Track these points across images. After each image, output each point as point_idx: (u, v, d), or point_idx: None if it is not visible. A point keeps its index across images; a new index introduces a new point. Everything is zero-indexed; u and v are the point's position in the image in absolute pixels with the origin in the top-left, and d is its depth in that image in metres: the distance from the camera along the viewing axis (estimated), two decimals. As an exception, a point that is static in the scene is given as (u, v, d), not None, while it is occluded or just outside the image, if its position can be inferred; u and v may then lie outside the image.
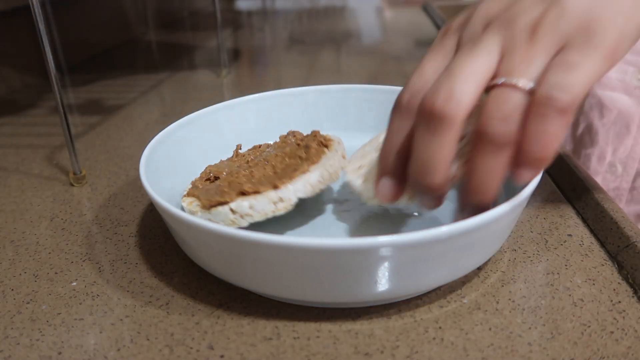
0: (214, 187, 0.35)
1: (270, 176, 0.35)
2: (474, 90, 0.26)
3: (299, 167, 0.35)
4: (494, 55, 0.27)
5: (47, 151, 0.54)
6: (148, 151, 0.36)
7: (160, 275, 0.34)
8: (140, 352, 0.28)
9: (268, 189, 0.33)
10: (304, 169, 0.34)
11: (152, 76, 0.81)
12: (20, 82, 0.75)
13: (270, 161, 0.37)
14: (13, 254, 0.37)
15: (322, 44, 1.04)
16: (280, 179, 0.34)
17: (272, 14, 1.43)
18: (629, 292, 0.31)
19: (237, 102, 0.46)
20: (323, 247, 0.26)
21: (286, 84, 0.74)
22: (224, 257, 0.29)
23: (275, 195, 0.33)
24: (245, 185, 0.33)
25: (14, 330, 0.30)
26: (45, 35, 0.41)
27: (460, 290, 0.32)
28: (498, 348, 0.27)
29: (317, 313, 0.30)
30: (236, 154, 0.41)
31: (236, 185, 0.34)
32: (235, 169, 0.37)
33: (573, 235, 0.37)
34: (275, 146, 0.40)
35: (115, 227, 0.39)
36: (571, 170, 0.43)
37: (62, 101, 0.43)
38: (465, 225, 0.27)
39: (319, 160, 0.36)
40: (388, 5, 1.56)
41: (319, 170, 0.34)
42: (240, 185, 0.33)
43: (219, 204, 0.33)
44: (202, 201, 0.33)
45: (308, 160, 0.36)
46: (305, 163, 0.35)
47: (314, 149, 0.37)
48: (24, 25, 0.73)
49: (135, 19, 1.09)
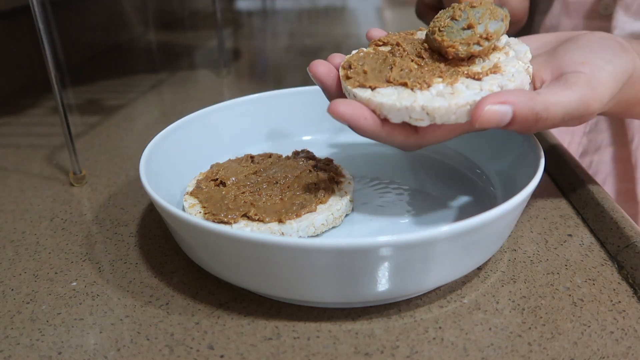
0: (219, 196, 0.36)
1: (277, 204, 0.35)
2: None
3: (307, 204, 0.35)
4: None
5: (47, 151, 0.54)
6: (148, 151, 0.36)
7: (160, 275, 0.34)
8: (140, 352, 0.28)
9: (273, 221, 0.34)
10: (311, 208, 0.35)
11: (152, 76, 0.81)
12: (20, 82, 0.75)
13: (279, 182, 0.37)
14: (13, 254, 0.37)
15: (322, 44, 1.04)
16: (286, 212, 0.34)
17: (272, 14, 1.43)
18: (629, 292, 0.31)
19: (237, 102, 0.46)
20: (323, 247, 0.26)
21: (286, 84, 0.74)
22: (224, 257, 0.29)
23: (278, 230, 0.33)
24: (252, 211, 0.34)
25: (14, 330, 0.30)
26: (45, 35, 0.41)
27: (460, 290, 0.32)
28: (498, 348, 0.27)
29: (317, 313, 0.30)
30: (247, 158, 0.41)
31: (242, 204, 0.35)
32: (243, 180, 0.37)
33: (573, 235, 0.37)
34: (287, 164, 0.39)
35: (115, 227, 0.39)
36: (571, 170, 0.43)
37: (62, 101, 0.43)
38: (465, 225, 0.27)
39: (327, 200, 0.36)
40: (388, 5, 1.56)
41: (325, 213, 0.35)
42: (247, 208, 0.34)
43: (221, 222, 0.33)
44: (207, 214, 0.34)
45: (317, 197, 0.36)
46: (314, 201, 0.35)
47: (324, 183, 0.37)
48: (24, 25, 0.73)
49: (135, 19, 1.09)
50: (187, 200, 0.36)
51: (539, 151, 0.34)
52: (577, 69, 0.30)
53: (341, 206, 0.36)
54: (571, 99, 0.29)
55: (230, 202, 0.35)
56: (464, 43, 0.31)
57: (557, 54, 0.32)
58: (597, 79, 0.30)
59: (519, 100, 0.28)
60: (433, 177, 0.42)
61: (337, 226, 0.36)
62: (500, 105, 0.28)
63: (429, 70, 0.31)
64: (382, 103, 0.29)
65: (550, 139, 0.49)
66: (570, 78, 0.30)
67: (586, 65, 0.30)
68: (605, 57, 0.31)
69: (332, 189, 0.37)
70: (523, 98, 0.28)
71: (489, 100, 0.28)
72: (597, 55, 0.31)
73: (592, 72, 0.30)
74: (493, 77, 0.30)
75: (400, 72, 0.31)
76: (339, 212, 0.36)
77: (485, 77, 0.30)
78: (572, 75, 0.30)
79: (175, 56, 0.97)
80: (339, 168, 0.40)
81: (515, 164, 0.38)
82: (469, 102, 0.29)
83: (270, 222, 0.34)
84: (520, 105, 0.28)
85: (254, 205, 0.35)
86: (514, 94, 0.28)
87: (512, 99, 0.28)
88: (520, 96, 0.28)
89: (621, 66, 0.31)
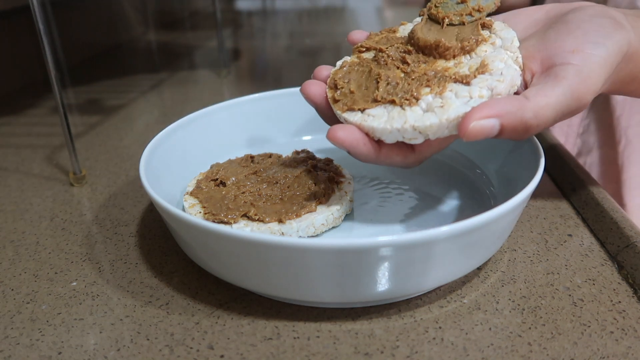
0: (219, 196, 0.36)
1: (277, 204, 0.35)
2: None
3: (307, 204, 0.35)
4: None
5: (47, 151, 0.54)
6: (148, 151, 0.36)
7: (160, 275, 0.34)
8: (140, 352, 0.28)
9: (273, 221, 0.34)
10: (311, 209, 0.35)
11: (152, 76, 0.81)
12: (20, 82, 0.75)
13: (279, 182, 0.37)
14: (13, 254, 0.37)
15: (322, 44, 1.04)
16: (286, 212, 0.34)
17: (272, 14, 1.43)
18: (629, 292, 0.31)
19: (237, 102, 0.46)
20: (323, 247, 0.26)
21: (286, 84, 0.74)
22: (224, 257, 0.29)
23: (278, 230, 0.33)
24: (252, 211, 0.34)
25: (14, 330, 0.30)
26: (45, 35, 0.41)
27: (460, 290, 0.32)
28: (498, 348, 0.27)
29: (317, 313, 0.30)
30: (247, 158, 0.41)
31: (242, 204, 0.35)
32: (243, 180, 0.37)
33: (573, 235, 0.37)
34: (287, 164, 0.39)
35: (115, 227, 0.39)
36: (571, 170, 0.43)
37: (62, 101, 0.43)
38: (465, 225, 0.27)
39: (327, 200, 0.36)
40: (388, 5, 1.56)
41: (325, 213, 0.35)
42: (247, 208, 0.34)
43: (221, 222, 0.33)
44: (207, 214, 0.34)
45: (316, 197, 0.36)
46: (314, 201, 0.35)
47: (324, 183, 0.37)
48: (24, 25, 0.73)
49: (135, 19, 1.09)
50: (187, 200, 0.36)
51: (539, 151, 0.34)
52: (567, 60, 0.30)
53: (341, 206, 0.36)
54: (561, 97, 0.29)
55: (230, 202, 0.35)
56: (457, 14, 0.33)
57: (546, 39, 0.32)
58: (588, 68, 0.29)
59: (506, 112, 0.28)
60: (433, 177, 0.42)
61: (337, 226, 0.36)
62: (486, 120, 0.27)
63: (416, 80, 0.31)
64: (374, 127, 0.30)
65: (550, 139, 0.49)
66: (560, 72, 0.29)
67: (576, 54, 0.30)
68: (598, 39, 0.30)
69: (332, 188, 0.37)
70: (510, 108, 0.28)
71: (475, 116, 0.27)
72: (588, 39, 0.30)
73: (583, 61, 0.30)
74: (482, 79, 0.30)
75: (387, 86, 0.31)
76: (339, 212, 0.36)
77: (474, 80, 0.30)
78: (561, 68, 0.30)
79: (175, 56, 0.97)
80: (339, 168, 0.40)
81: (515, 164, 0.38)
82: (459, 116, 0.29)
83: (270, 222, 0.34)
84: (508, 117, 0.28)
85: (254, 205, 0.35)
86: (501, 105, 0.28)
87: (499, 111, 0.28)
88: (507, 106, 0.28)
89: (614, 47, 0.30)
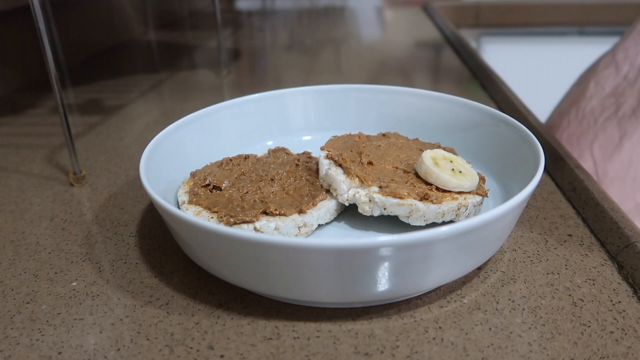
0: (224, 200, 0.35)
1: (285, 198, 0.36)
2: None
3: (317, 193, 0.36)
4: None
5: (47, 151, 0.54)
6: (148, 151, 0.36)
7: (160, 275, 0.34)
8: (140, 352, 0.28)
9: (294, 213, 0.34)
10: (324, 196, 0.36)
11: (152, 76, 0.81)
12: (20, 82, 0.75)
13: (275, 178, 0.37)
14: (13, 254, 0.37)
15: (322, 44, 1.04)
16: (301, 203, 0.35)
17: (272, 14, 1.43)
18: (629, 292, 0.31)
19: (237, 102, 0.46)
20: (323, 247, 0.26)
21: (286, 84, 0.74)
22: (224, 257, 0.29)
23: (301, 220, 0.34)
24: (271, 207, 0.34)
25: (14, 330, 0.30)
26: (45, 35, 0.41)
27: (460, 290, 0.32)
28: (498, 348, 0.27)
29: (317, 313, 0.30)
30: (227, 162, 0.40)
31: (253, 203, 0.35)
32: (236, 181, 0.37)
33: (573, 235, 0.37)
34: (272, 162, 0.40)
35: (115, 227, 0.39)
36: (571, 170, 0.43)
37: (62, 101, 0.43)
38: (465, 225, 0.27)
39: (328, 187, 0.37)
40: (388, 5, 1.56)
41: (335, 199, 0.36)
42: (262, 205, 0.34)
43: (243, 222, 0.33)
44: (225, 218, 0.33)
45: (322, 186, 0.37)
46: (321, 189, 0.36)
47: (316, 174, 0.38)
48: (24, 25, 0.73)
49: (135, 19, 1.09)
50: (189, 210, 0.35)
51: (539, 151, 0.34)
52: None
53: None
54: None
55: (239, 203, 0.35)
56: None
57: None
58: None
59: None
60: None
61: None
62: None
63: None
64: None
65: (550, 139, 0.49)
66: None
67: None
68: None
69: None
70: None
71: None
72: None
73: None
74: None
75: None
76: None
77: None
78: None
79: (175, 56, 0.97)
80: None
81: (515, 164, 0.38)
82: None
83: (292, 214, 0.34)
84: None
85: (266, 201, 0.35)
86: None
87: None
88: None
89: None
